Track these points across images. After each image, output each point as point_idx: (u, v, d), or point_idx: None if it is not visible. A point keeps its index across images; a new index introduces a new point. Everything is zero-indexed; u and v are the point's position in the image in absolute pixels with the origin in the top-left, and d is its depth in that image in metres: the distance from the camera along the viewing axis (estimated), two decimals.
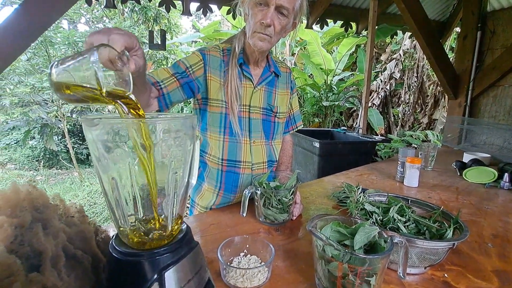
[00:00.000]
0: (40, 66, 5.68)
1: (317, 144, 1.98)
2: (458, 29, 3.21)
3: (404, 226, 0.69)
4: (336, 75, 4.71)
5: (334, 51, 5.51)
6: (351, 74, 5.06)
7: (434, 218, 0.71)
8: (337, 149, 2.05)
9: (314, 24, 3.29)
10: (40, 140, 6.32)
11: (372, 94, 4.88)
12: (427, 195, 1.19)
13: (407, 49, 4.38)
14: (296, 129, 1.23)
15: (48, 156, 6.69)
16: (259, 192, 0.84)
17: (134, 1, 2.26)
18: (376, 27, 3.44)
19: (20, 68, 5.40)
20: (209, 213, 1.01)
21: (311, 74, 5.08)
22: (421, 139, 3.34)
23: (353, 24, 3.36)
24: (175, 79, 0.89)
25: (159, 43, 1.64)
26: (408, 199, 0.81)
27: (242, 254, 0.66)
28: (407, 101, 4.81)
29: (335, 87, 4.55)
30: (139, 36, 5.35)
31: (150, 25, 5.65)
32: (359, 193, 0.76)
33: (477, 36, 2.39)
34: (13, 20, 1.47)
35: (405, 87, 4.73)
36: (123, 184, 0.39)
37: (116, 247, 0.41)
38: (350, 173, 1.59)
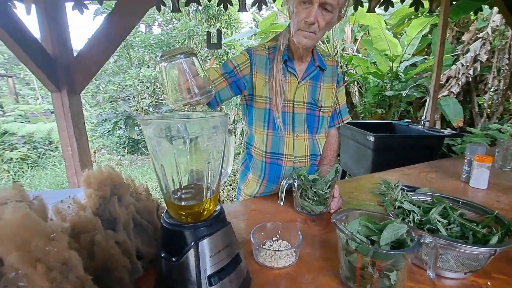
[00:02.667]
0: (123, 67, 6.67)
1: (371, 138, 1.87)
2: None
3: (446, 229, 0.65)
4: (404, 60, 4.23)
5: (404, 33, 4.93)
6: (424, 59, 4.48)
7: (486, 223, 0.65)
8: (395, 144, 1.90)
9: (377, 6, 3.02)
10: (125, 130, 7.47)
11: (450, 81, 4.24)
12: (496, 199, 1.04)
13: (497, 26, 3.61)
14: (342, 123, 1.22)
15: (131, 144, 7.88)
16: (296, 184, 0.88)
17: (195, 3, 2.45)
18: (455, 2, 2.97)
19: (109, 70, 6.44)
20: (252, 200, 1.10)
21: (375, 61, 4.68)
22: (509, 133, 2.78)
23: (425, 2, 2.96)
24: (224, 79, 0.99)
25: (216, 42, 1.79)
26: (459, 201, 0.75)
27: (274, 238, 0.73)
28: (495, 87, 4.02)
29: (402, 75, 4.10)
30: (201, 34, 5.78)
31: (212, 22, 6.03)
32: (398, 191, 0.74)
33: None
34: (104, 28, 1.77)
35: (494, 71, 3.95)
36: (169, 169, 0.49)
37: (166, 219, 0.52)
38: (407, 170, 1.48)
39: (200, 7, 5.87)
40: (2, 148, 4.91)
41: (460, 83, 4.00)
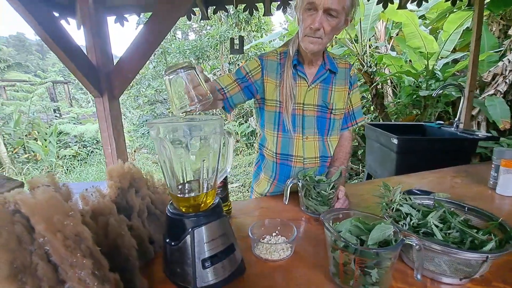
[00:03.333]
0: (161, 72, 7.15)
1: (395, 141, 1.80)
2: None
3: (445, 233, 0.64)
4: (441, 58, 3.94)
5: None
6: (465, 55, 4.13)
7: (489, 230, 0.63)
8: (421, 147, 1.80)
9: (409, 3, 2.88)
10: None
11: (496, 79, 3.86)
12: None
13: None
14: (355, 126, 1.22)
15: None
16: (300, 184, 0.92)
17: (223, 10, 2.58)
18: None
19: (148, 75, 6.95)
20: (263, 198, 1.15)
21: (410, 60, 4.43)
22: None
23: None
24: (236, 84, 1.06)
25: (238, 48, 1.88)
26: (465, 206, 0.73)
27: (274, 234, 0.78)
28: None
29: (439, 73, 3.82)
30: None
31: (242, 27, 6.20)
32: (397, 194, 0.74)
33: None
34: (139, 38, 1.94)
35: None
36: (171, 166, 0.57)
37: (170, 210, 0.60)
38: (429, 174, 1.42)
39: (231, 12, 6.08)
40: (58, 146, 5.58)
41: (507, 81, 3.62)
